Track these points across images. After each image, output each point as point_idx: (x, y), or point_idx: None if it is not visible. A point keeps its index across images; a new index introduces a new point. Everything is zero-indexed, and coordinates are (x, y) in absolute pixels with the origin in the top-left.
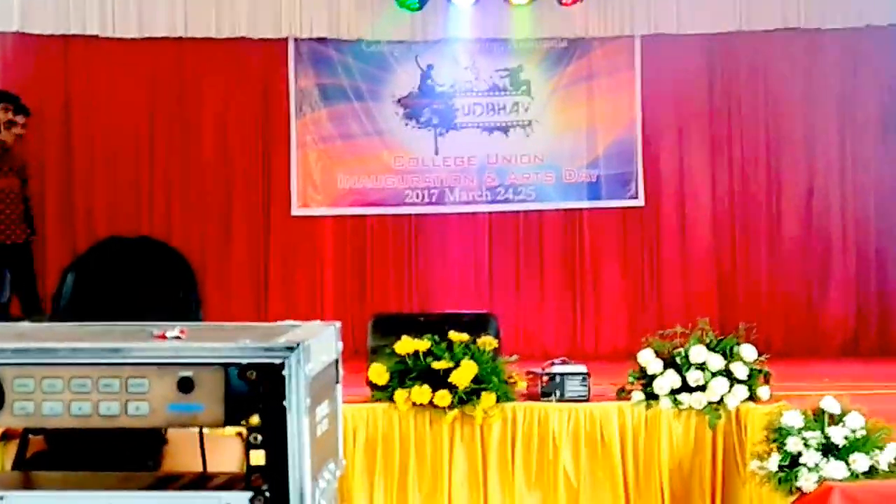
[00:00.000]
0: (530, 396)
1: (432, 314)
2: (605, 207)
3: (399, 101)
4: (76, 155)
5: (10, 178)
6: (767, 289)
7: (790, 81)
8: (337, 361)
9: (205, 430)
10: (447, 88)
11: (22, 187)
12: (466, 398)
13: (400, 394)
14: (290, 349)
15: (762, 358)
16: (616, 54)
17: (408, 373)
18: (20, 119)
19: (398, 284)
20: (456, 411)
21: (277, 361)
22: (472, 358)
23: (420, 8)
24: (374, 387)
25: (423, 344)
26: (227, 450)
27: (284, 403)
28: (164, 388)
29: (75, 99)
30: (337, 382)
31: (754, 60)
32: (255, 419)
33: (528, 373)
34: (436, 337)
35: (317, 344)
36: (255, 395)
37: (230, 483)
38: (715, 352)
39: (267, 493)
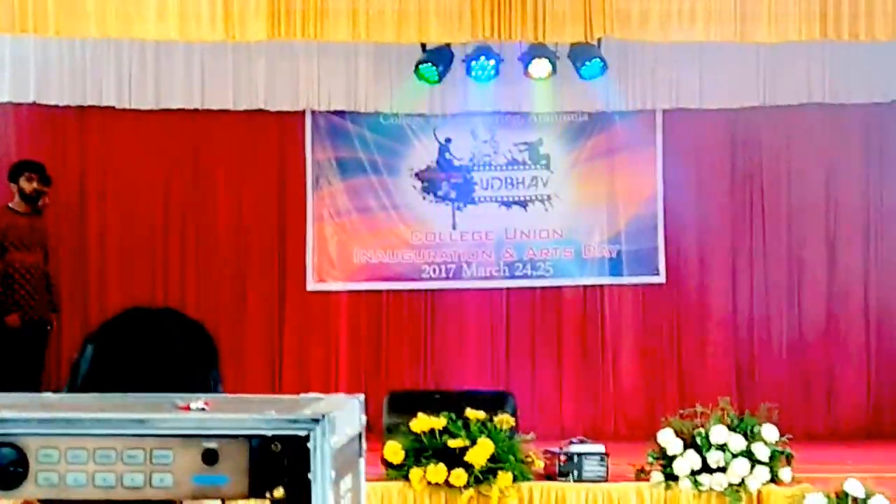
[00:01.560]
0: (547, 476)
1: (448, 391)
2: (626, 284)
3: (417, 174)
4: (89, 227)
5: (37, 253)
6: (788, 370)
7: (813, 156)
8: (360, 435)
9: None
10: (465, 162)
11: (45, 262)
12: (483, 477)
13: (415, 472)
14: (316, 421)
15: (784, 439)
16: (637, 128)
17: (423, 451)
18: (45, 188)
19: (414, 361)
20: (472, 491)
21: (302, 433)
22: (488, 436)
23: (439, 81)
24: (389, 465)
25: (439, 422)
26: None
27: (309, 476)
28: (189, 460)
29: (90, 170)
30: (360, 456)
31: (777, 135)
32: (279, 492)
33: (546, 452)
34: (452, 415)
35: (341, 417)
36: (280, 468)
37: None
38: (736, 432)
39: None
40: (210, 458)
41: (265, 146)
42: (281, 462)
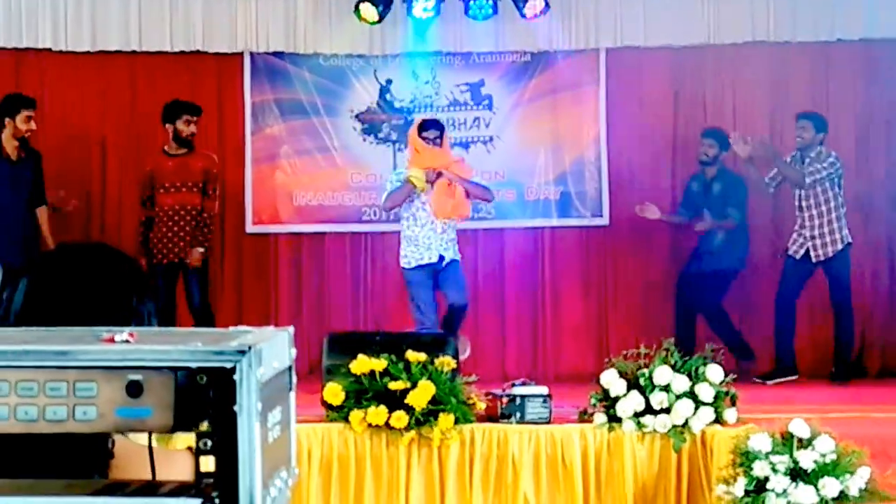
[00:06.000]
0: (490, 418)
1: (389, 333)
2: (569, 226)
3: (357, 116)
4: None
5: (184, 193)
6: (733, 309)
7: (758, 95)
8: (290, 368)
9: (154, 444)
10: (406, 103)
11: (202, 200)
12: (424, 419)
13: (355, 414)
14: (242, 353)
15: (728, 379)
16: (580, 68)
17: (364, 393)
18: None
19: (355, 303)
20: (413, 433)
21: (228, 365)
22: (429, 378)
23: (379, 21)
24: (329, 407)
25: (379, 364)
26: (179, 464)
27: (235, 408)
28: (113, 392)
29: None
30: (290, 390)
31: (722, 74)
32: (205, 425)
33: (488, 394)
34: (392, 356)
35: (269, 349)
36: (205, 400)
37: (179, 490)
38: (680, 373)
39: (217, 500)
40: (134, 390)
41: (203, 88)
42: (206, 394)
